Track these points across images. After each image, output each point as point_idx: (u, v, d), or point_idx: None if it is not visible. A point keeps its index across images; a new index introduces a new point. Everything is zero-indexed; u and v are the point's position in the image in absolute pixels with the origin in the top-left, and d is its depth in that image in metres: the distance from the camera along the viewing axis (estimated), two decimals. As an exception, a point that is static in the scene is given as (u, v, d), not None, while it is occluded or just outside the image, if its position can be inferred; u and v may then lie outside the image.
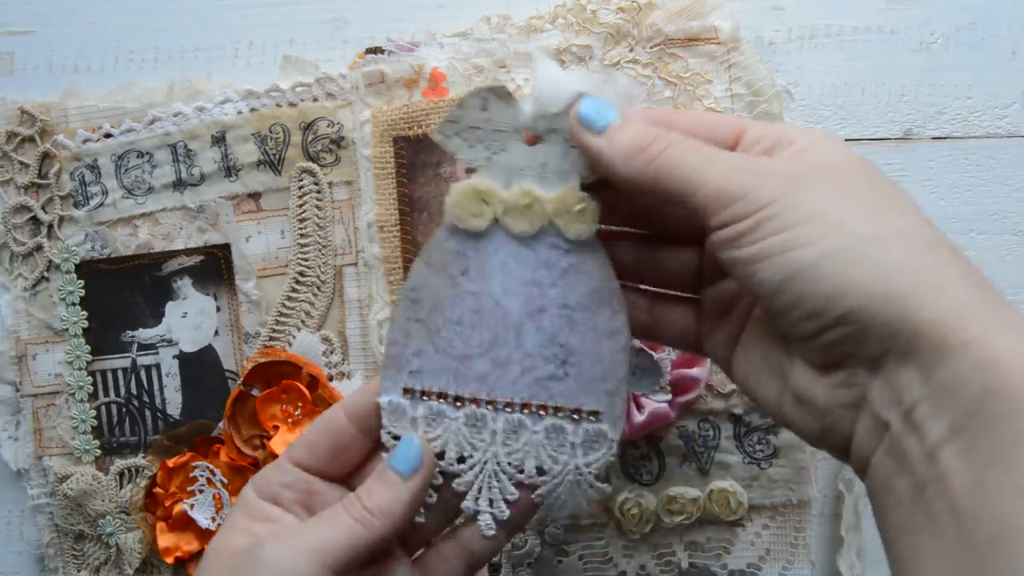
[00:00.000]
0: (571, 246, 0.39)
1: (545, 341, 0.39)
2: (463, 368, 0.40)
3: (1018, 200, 0.57)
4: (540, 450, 0.40)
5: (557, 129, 0.38)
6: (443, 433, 0.40)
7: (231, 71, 0.58)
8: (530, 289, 0.39)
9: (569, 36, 0.54)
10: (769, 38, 0.57)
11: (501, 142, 0.39)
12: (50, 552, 0.57)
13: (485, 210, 0.39)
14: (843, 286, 0.30)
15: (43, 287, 0.57)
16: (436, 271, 0.40)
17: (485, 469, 0.40)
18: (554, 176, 0.39)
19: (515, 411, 0.40)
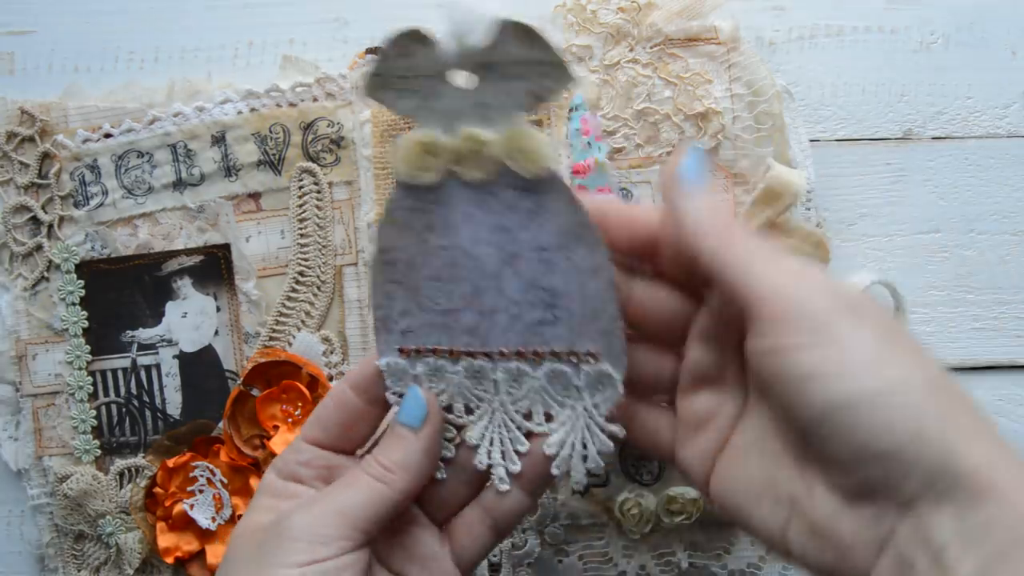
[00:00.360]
0: (531, 185, 0.36)
1: (526, 287, 0.38)
2: (451, 322, 0.39)
3: (1018, 200, 0.57)
4: (544, 395, 0.39)
5: (487, 63, 0.35)
6: (447, 387, 0.40)
7: (231, 71, 0.58)
8: (500, 235, 0.37)
9: (569, 36, 0.54)
10: (769, 38, 0.57)
11: (432, 88, 0.36)
12: (50, 552, 0.57)
13: (433, 162, 0.37)
14: (894, 423, 0.30)
15: (43, 287, 0.57)
16: (401, 230, 0.38)
17: (494, 419, 0.39)
18: (495, 114, 0.36)
19: (511, 359, 0.38)
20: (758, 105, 0.53)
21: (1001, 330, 0.58)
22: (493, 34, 0.35)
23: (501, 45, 0.35)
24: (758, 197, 0.52)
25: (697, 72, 0.54)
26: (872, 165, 0.57)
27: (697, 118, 0.54)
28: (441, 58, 0.36)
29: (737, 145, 0.54)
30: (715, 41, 0.54)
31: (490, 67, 0.35)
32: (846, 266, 0.56)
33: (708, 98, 0.53)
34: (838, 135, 0.57)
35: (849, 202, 0.58)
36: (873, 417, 0.30)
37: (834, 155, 0.57)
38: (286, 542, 0.36)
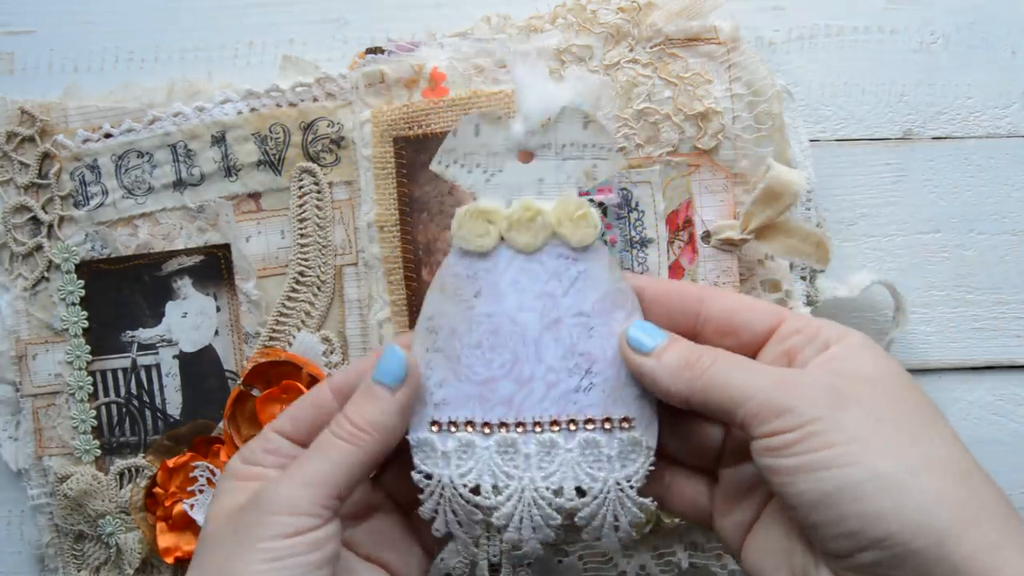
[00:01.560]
0: (577, 253, 0.40)
1: (565, 352, 0.40)
2: (487, 393, 0.40)
3: (1018, 200, 0.57)
4: (576, 468, 0.39)
5: (549, 143, 0.39)
6: (475, 464, 0.40)
7: (231, 71, 0.58)
8: (544, 301, 0.40)
9: (569, 36, 0.54)
10: (769, 38, 0.57)
11: (497, 163, 0.40)
12: (50, 552, 0.57)
13: (490, 229, 0.40)
14: (883, 511, 0.31)
15: (43, 287, 0.57)
16: (449, 297, 0.40)
17: (523, 497, 0.39)
18: (552, 188, 0.40)
19: (545, 430, 0.40)
20: (758, 105, 0.53)
21: (1001, 330, 0.58)
22: (558, 118, 0.39)
23: (564, 128, 0.39)
24: (758, 197, 0.52)
25: (697, 72, 0.54)
26: (872, 165, 0.57)
27: (697, 118, 0.54)
28: (511, 138, 0.40)
29: (737, 145, 0.54)
30: (715, 41, 0.54)
31: (549, 145, 0.39)
32: (846, 266, 0.56)
33: (708, 98, 0.53)
34: (838, 135, 0.58)
35: (849, 202, 0.58)
36: (861, 506, 0.31)
37: (834, 155, 0.57)
38: (265, 516, 0.36)
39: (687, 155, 0.54)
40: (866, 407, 0.33)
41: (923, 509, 0.31)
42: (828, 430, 0.33)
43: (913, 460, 0.32)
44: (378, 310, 0.55)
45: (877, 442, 0.32)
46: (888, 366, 0.36)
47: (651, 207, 0.54)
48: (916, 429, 0.33)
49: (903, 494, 0.31)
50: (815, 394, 0.34)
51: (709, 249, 0.54)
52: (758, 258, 0.54)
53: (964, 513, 0.31)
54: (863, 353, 0.36)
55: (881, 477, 0.31)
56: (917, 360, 0.58)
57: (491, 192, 0.40)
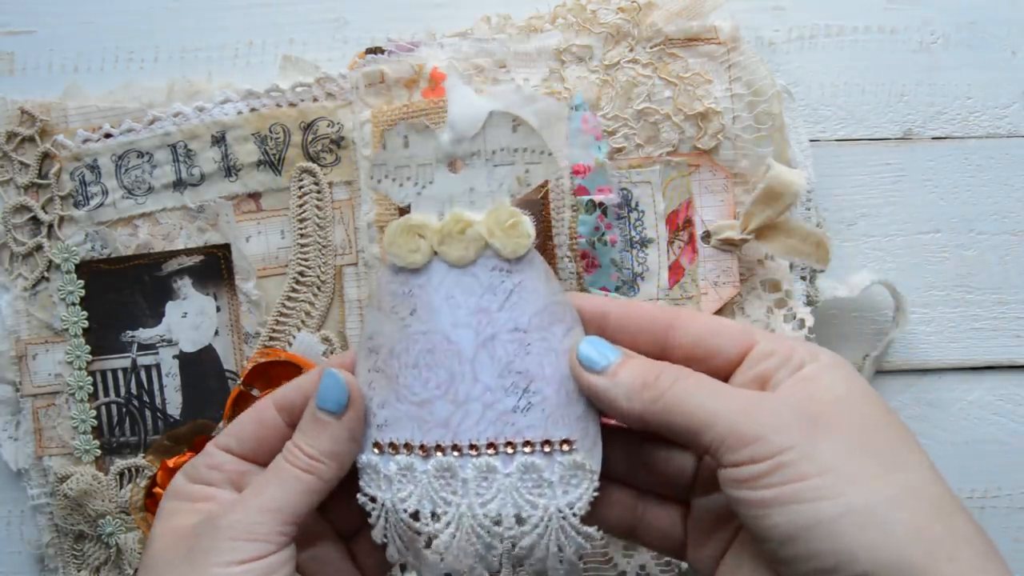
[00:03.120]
0: (511, 265, 0.38)
1: (502, 371, 0.37)
2: (425, 414, 0.38)
3: (1018, 200, 0.57)
4: (515, 495, 0.37)
5: (477, 151, 0.38)
6: (415, 489, 0.38)
7: (231, 71, 0.58)
8: (478, 317, 0.38)
9: (569, 36, 0.54)
10: (769, 38, 0.57)
11: (427, 175, 0.39)
12: (50, 552, 0.57)
13: (421, 244, 0.38)
14: (858, 548, 0.30)
15: (43, 287, 0.57)
16: (387, 315, 0.39)
17: (461, 525, 0.38)
18: (484, 197, 0.38)
19: (482, 454, 0.37)
20: (758, 105, 0.53)
21: (1001, 330, 0.58)
22: (485, 124, 0.38)
23: (493, 134, 0.38)
24: (758, 197, 0.52)
25: (697, 72, 0.54)
26: (872, 165, 0.57)
27: (697, 118, 0.54)
28: (437, 146, 0.38)
29: (737, 145, 0.54)
30: (715, 41, 0.54)
31: (481, 155, 0.38)
32: (846, 266, 0.56)
33: (708, 98, 0.53)
34: (838, 135, 0.58)
35: (849, 202, 0.58)
36: (835, 543, 0.30)
37: (834, 155, 0.57)
38: (221, 541, 0.35)
39: (687, 155, 0.54)
40: (840, 435, 0.32)
41: (899, 545, 0.30)
42: (800, 460, 0.31)
43: (889, 492, 0.31)
44: (378, 310, 0.55)
45: (851, 473, 0.31)
46: (862, 388, 0.34)
47: (651, 207, 0.54)
48: (891, 457, 0.32)
49: (878, 529, 0.30)
50: (786, 420, 0.32)
51: (709, 249, 0.54)
52: (758, 258, 0.54)
53: (940, 548, 0.30)
54: (836, 373, 0.34)
55: (856, 512, 0.30)
56: (917, 360, 0.58)
57: (423, 205, 0.39)
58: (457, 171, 0.39)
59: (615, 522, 0.40)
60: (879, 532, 0.30)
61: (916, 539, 0.30)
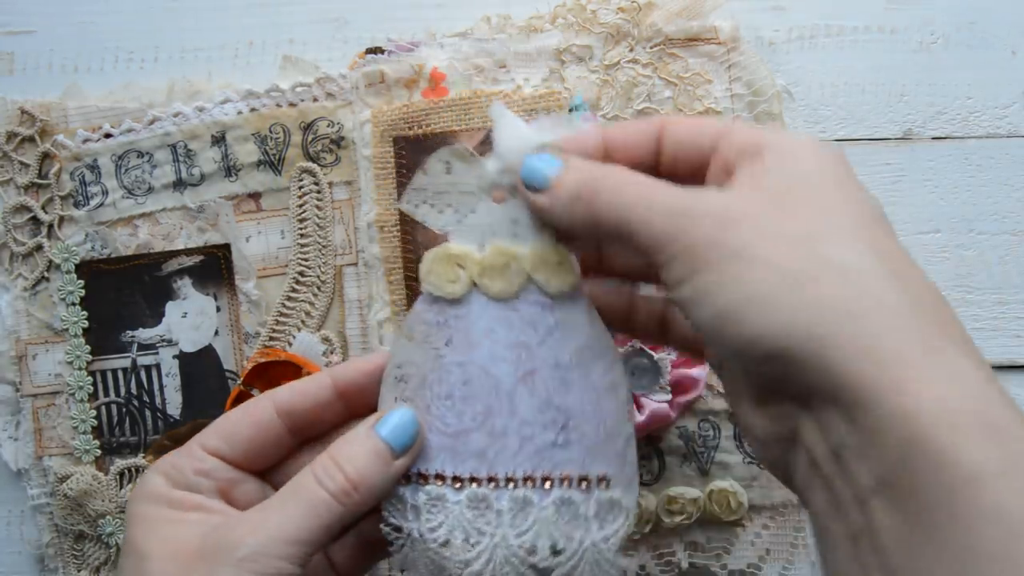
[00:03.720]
0: (555, 301, 0.37)
1: (541, 406, 0.37)
2: (459, 445, 0.37)
3: (1018, 200, 0.57)
4: (551, 527, 0.37)
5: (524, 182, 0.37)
6: (446, 519, 0.37)
7: (231, 71, 0.58)
8: (518, 352, 0.37)
9: (569, 36, 0.54)
10: (769, 38, 0.57)
11: (469, 203, 0.38)
12: (50, 552, 0.57)
13: (461, 275, 0.38)
14: (765, 328, 0.29)
15: (43, 287, 0.57)
16: (419, 344, 0.38)
17: (495, 555, 0.37)
18: (527, 231, 0.37)
19: (519, 486, 0.37)
20: (758, 105, 0.53)
21: (1001, 330, 0.58)
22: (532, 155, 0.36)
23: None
24: (758, 197, 0.52)
25: (697, 72, 0.54)
26: (872, 165, 0.57)
27: (697, 118, 0.54)
28: (483, 177, 0.37)
29: (737, 145, 0.54)
30: (715, 41, 0.54)
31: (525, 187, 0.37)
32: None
33: (708, 98, 0.53)
34: (838, 135, 0.57)
35: (849, 202, 0.58)
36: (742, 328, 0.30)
37: (834, 155, 0.57)
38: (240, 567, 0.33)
39: (687, 155, 0.54)
40: (761, 220, 0.31)
41: (804, 322, 0.28)
42: (712, 252, 0.30)
43: (800, 266, 0.29)
44: (378, 310, 0.55)
45: (761, 257, 0.30)
46: (817, 167, 0.33)
47: (651, 207, 0.54)
48: (814, 232, 0.30)
49: (783, 309, 0.29)
50: (702, 218, 0.31)
51: (709, 249, 0.54)
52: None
53: (852, 320, 0.28)
54: (794, 157, 0.33)
55: (757, 294, 0.29)
56: (917, 360, 0.58)
57: (463, 234, 0.38)
58: (500, 202, 0.38)
59: (648, 329, 0.40)
60: (786, 310, 0.29)
61: (825, 310, 0.28)
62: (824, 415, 0.29)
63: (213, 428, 0.38)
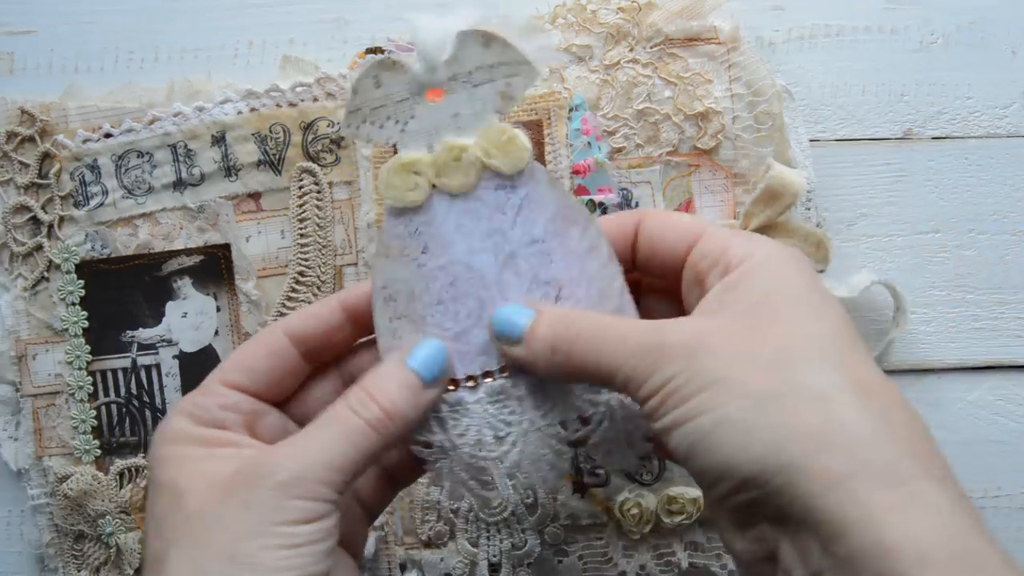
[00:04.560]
0: (514, 180, 0.38)
1: (529, 284, 0.38)
2: (463, 346, 0.38)
3: (1018, 200, 0.57)
4: (573, 398, 0.38)
5: (455, 75, 0.37)
6: (471, 421, 0.38)
7: (231, 71, 0.58)
8: (494, 239, 0.38)
9: (569, 36, 0.54)
10: (769, 38, 0.57)
11: (407, 110, 0.38)
12: (50, 552, 0.57)
13: (418, 180, 0.38)
14: (734, 455, 0.30)
15: (43, 287, 0.57)
16: (396, 259, 0.38)
17: (528, 440, 0.38)
18: (470, 119, 0.38)
19: None
20: (758, 105, 0.53)
21: (1001, 330, 0.58)
22: (456, 46, 0.37)
23: (465, 54, 0.37)
24: (758, 197, 0.52)
25: (697, 72, 0.54)
26: (872, 165, 0.57)
27: (697, 118, 0.54)
28: (411, 80, 0.37)
29: (737, 145, 0.54)
30: (715, 41, 0.54)
31: (458, 78, 0.37)
32: (846, 266, 0.56)
33: (708, 98, 0.53)
34: (838, 135, 0.58)
35: (849, 202, 0.58)
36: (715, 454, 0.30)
37: (834, 155, 0.57)
38: (285, 500, 0.33)
39: (687, 155, 0.54)
40: (730, 346, 0.32)
41: (774, 447, 0.29)
42: (683, 384, 0.31)
43: (765, 393, 0.30)
44: (378, 310, 0.55)
45: (732, 383, 0.30)
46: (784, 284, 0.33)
47: (651, 207, 0.54)
48: (783, 356, 0.31)
49: (748, 435, 0.29)
50: (673, 351, 0.32)
51: (709, 249, 0.54)
52: (758, 258, 0.54)
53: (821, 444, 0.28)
54: (762, 274, 0.34)
55: (728, 421, 0.30)
56: (917, 360, 0.58)
57: (410, 140, 0.38)
58: (437, 100, 0.38)
59: None
60: (755, 435, 0.29)
61: (795, 435, 0.29)
62: (801, 539, 0.29)
63: (230, 362, 0.38)
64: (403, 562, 0.55)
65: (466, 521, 0.55)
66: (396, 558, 0.55)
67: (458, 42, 0.37)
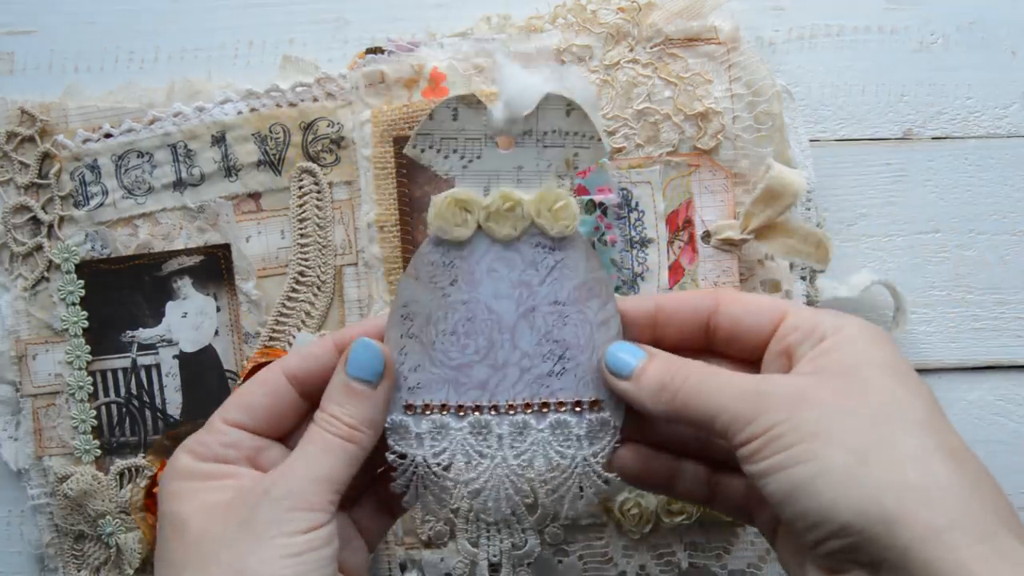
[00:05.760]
0: (555, 243, 0.40)
1: (540, 339, 0.40)
2: (462, 377, 0.41)
3: (1018, 200, 0.57)
4: (547, 447, 0.40)
5: (529, 130, 0.39)
6: (449, 445, 0.41)
7: (231, 71, 0.58)
8: (520, 290, 0.40)
9: (569, 36, 0.54)
10: (769, 38, 0.57)
11: (475, 150, 0.40)
12: (50, 552, 0.57)
13: (468, 218, 0.40)
14: (835, 502, 0.32)
15: (43, 287, 0.57)
16: (424, 284, 0.41)
17: (495, 473, 0.41)
18: (531, 176, 0.40)
19: (518, 412, 0.41)
20: (758, 105, 0.53)
21: (1001, 330, 0.58)
22: (539, 104, 0.39)
23: (544, 115, 0.39)
24: (758, 197, 0.52)
25: (697, 72, 0.54)
26: (872, 165, 0.57)
27: (697, 118, 0.54)
28: (490, 124, 0.40)
29: (737, 145, 0.54)
30: (715, 41, 0.54)
31: (530, 133, 0.39)
32: (846, 266, 0.56)
33: (708, 98, 0.53)
34: (838, 135, 0.58)
35: (849, 202, 0.58)
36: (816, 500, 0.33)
37: (834, 155, 0.57)
38: (280, 512, 0.36)
39: (687, 155, 0.54)
40: (829, 400, 0.34)
41: (872, 497, 0.31)
42: (786, 432, 0.34)
43: (866, 447, 0.33)
44: (378, 310, 0.55)
45: (834, 436, 0.33)
46: (876, 354, 0.36)
47: (651, 207, 0.54)
48: (881, 416, 0.34)
49: (850, 484, 0.32)
50: (777, 400, 0.35)
51: (709, 249, 0.54)
52: (758, 258, 0.54)
53: (916, 496, 0.31)
54: (853, 345, 0.37)
55: (831, 470, 0.32)
56: (917, 360, 0.58)
57: (468, 179, 0.40)
58: (505, 148, 0.40)
59: (694, 493, 0.42)
60: (855, 484, 0.32)
61: (891, 487, 0.31)
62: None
63: (231, 402, 0.40)
64: (403, 562, 0.55)
65: (466, 521, 0.55)
66: (396, 558, 0.55)
67: (544, 102, 0.39)
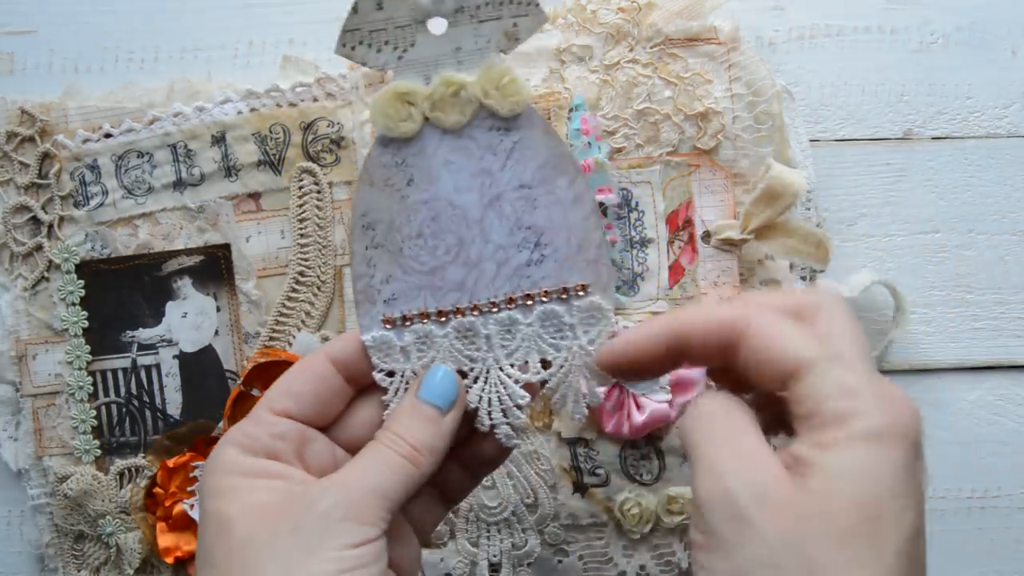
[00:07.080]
0: (509, 123, 0.37)
1: (511, 228, 0.38)
2: (437, 281, 0.38)
3: (1018, 200, 0.57)
4: (539, 341, 0.38)
5: (461, 7, 0.36)
6: (436, 354, 0.38)
7: (231, 71, 0.58)
8: (481, 179, 0.38)
9: (569, 36, 0.54)
10: (769, 38, 0.57)
11: (407, 37, 0.37)
12: (50, 552, 0.57)
13: (412, 111, 0.37)
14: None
15: (43, 287, 0.57)
16: (380, 189, 0.38)
17: (489, 377, 0.38)
18: (471, 56, 0.37)
19: (502, 309, 0.38)
20: (758, 105, 0.53)
21: (1001, 330, 0.58)
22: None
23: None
24: (758, 197, 0.52)
25: (697, 72, 0.54)
26: (872, 165, 0.57)
27: (697, 118, 0.54)
28: (415, 6, 0.36)
29: (737, 145, 0.54)
30: (715, 41, 0.54)
31: (463, 11, 0.36)
32: (846, 266, 0.56)
33: (708, 98, 0.53)
34: (838, 135, 0.58)
35: (849, 202, 0.58)
36: None
37: (834, 155, 0.57)
38: (335, 524, 0.34)
39: (687, 155, 0.54)
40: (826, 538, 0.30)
41: None
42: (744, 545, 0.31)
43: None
44: (378, 310, 0.55)
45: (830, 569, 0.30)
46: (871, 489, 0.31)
47: (651, 207, 0.54)
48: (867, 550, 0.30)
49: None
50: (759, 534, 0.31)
51: (709, 249, 0.54)
52: (758, 258, 0.54)
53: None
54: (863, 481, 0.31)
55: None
56: (917, 360, 0.58)
57: (407, 69, 0.37)
58: (439, 31, 0.37)
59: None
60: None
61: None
62: None
63: (277, 390, 0.39)
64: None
65: (466, 521, 0.55)
66: (396, 558, 0.55)
67: None
